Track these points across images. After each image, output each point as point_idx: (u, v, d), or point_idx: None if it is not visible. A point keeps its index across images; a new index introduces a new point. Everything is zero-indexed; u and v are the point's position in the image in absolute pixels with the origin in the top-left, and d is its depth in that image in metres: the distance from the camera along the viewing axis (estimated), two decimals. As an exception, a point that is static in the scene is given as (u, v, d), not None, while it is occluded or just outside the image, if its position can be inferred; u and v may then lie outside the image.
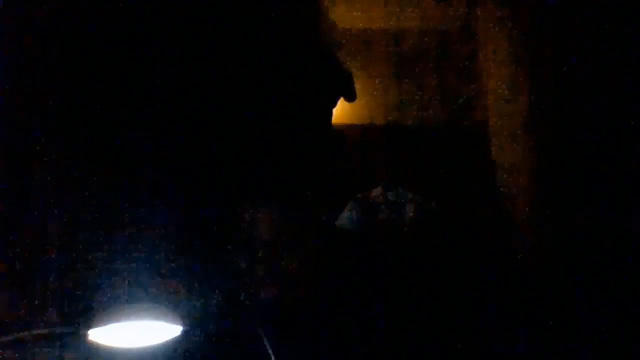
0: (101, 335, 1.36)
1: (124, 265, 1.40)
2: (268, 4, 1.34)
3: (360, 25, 2.06)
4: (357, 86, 1.57)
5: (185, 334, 1.37)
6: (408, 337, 1.49)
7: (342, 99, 1.54)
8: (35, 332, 1.36)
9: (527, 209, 2.00)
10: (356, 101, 1.58)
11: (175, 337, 1.37)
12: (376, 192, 1.96)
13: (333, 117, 1.57)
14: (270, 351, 1.26)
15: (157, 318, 1.35)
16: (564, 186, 1.94)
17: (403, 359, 1.47)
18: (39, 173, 1.37)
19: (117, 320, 1.33)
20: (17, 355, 1.35)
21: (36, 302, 1.37)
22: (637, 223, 1.80)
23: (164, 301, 1.40)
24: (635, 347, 1.64)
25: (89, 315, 1.38)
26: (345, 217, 1.90)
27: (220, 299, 1.35)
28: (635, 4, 1.88)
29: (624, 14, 1.89)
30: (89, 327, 1.34)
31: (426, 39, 2.10)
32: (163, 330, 1.38)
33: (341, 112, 1.62)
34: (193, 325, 1.40)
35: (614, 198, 1.85)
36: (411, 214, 1.93)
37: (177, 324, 1.36)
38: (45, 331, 1.37)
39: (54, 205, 1.37)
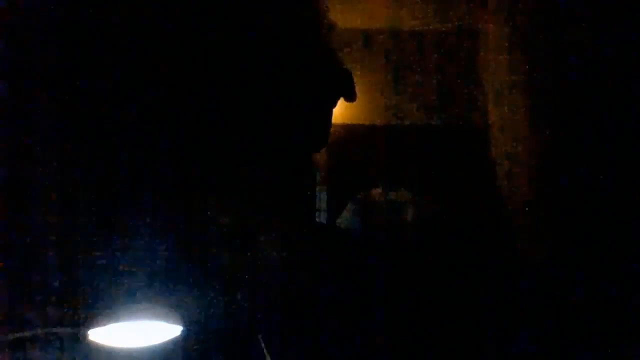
0: (101, 335, 1.36)
1: (124, 265, 1.40)
2: (268, 4, 1.34)
3: (360, 25, 2.07)
4: (357, 86, 1.58)
5: (185, 334, 1.37)
6: (408, 338, 1.49)
7: (342, 99, 1.54)
8: (35, 332, 1.36)
9: (527, 209, 2.00)
10: (356, 101, 1.58)
11: (175, 337, 1.37)
12: (376, 192, 1.96)
13: (333, 117, 1.57)
14: (265, 352, 1.26)
15: (157, 318, 1.35)
16: (564, 186, 1.94)
17: (403, 359, 1.47)
18: (39, 173, 1.37)
19: (117, 320, 1.33)
20: (17, 355, 1.35)
21: (36, 302, 1.37)
22: (637, 223, 1.80)
23: (164, 301, 1.40)
24: (635, 347, 1.64)
25: (89, 315, 1.38)
26: (345, 217, 1.90)
27: (219, 298, 1.35)
28: (635, 4, 1.88)
29: (624, 14, 1.89)
30: (89, 327, 1.34)
31: (426, 39, 2.10)
32: (163, 330, 1.38)
33: (341, 112, 1.62)
34: (193, 325, 1.40)
35: (614, 198, 1.85)
36: (411, 214, 1.93)
37: (177, 324, 1.36)
38: (45, 331, 1.37)
39: (54, 205, 1.37)
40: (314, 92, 1.40)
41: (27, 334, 1.35)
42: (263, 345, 1.25)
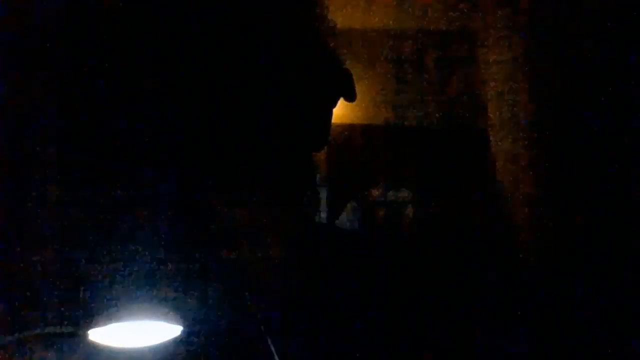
0: (101, 335, 1.36)
1: (124, 265, 1.40)
2: (268, 4, 1.34)
3: (360, 25, 2.07)
4: (357, 86, 1.58)
5: (185, 334, 1.37)
6: (408, 338, 1.49)
7: (342, 99, 1.54)
8: (35, 332, 1.36)
9: (527, 209, 2.00)
10: (356, 101, 1.58)
11: (175, 337, 1.37)
12: (376, 192, 1.96)
13: (333, 117, 1.57)
14: (273, 350, 1.26)
15: (157, 318, 1.35)
16: (564, 186, 1.94)
17: (403, 359, 1.47)
18: (39, 173, 1.37)
19: (117, 320, 1.33)
20: (17, 355, 1.35)
21: (36, 302, 1.37)
22: (637, 223, 1.80)
23: (164, 301, 1.40)
24: (635, 347, 1.64)
25: (89, 315, 1.38)
26: (346, 216, 1.90)
27: (220, 298, 1.35)
28: (635, 4, 1.88)
29: (625, 14, 1.89)
30: (89, 327, 1.33)
31: (426, 39, 2.10)
32: (163, 330, 1.38)
33: (341, 112, 1.62)
34: (193, 325, 1.40)
35: (614, 198, 1.85)
36: (411, 214, 1.93)
37: (177, 324, 1.36)
38: (45, 331, 1.37)
39: (54, 205, 1.37)
40: (314, 92, 1.40)
41: (27, 334, 1.35)
42: (272, 346, 1.25)
